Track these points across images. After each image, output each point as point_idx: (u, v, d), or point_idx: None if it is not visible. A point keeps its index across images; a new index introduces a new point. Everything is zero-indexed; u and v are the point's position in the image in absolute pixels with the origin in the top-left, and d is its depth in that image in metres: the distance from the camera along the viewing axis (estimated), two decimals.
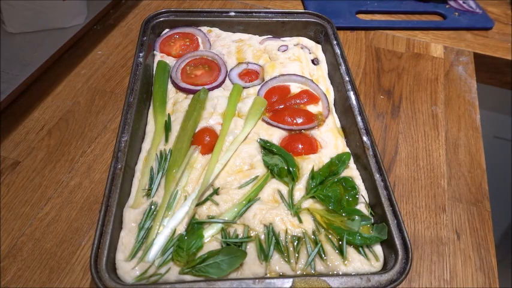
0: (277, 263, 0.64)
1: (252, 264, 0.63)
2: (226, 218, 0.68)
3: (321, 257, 0.65)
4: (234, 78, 0.93)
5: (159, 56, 0.96)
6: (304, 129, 0.83)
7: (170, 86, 0.91)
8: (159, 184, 0.73)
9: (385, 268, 0.64)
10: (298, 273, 0.63)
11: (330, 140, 0.82)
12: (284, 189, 0.73)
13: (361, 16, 1.26)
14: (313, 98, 0.89)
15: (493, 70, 1.19)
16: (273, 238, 0.66)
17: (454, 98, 1.04)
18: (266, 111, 0.86)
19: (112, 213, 0.65)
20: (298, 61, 0.97)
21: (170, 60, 0.95)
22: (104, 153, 0.86)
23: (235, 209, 0.69)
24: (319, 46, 1.03)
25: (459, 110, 1.01)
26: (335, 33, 1.00)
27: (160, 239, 0.65)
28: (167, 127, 0.81)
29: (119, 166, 0.71)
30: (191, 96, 0.88)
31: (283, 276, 0.63)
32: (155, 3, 1.26)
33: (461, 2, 1.31)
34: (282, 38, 1.04)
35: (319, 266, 0.64)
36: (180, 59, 0.95)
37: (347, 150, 0.81)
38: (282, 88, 0.91)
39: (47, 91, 0.97)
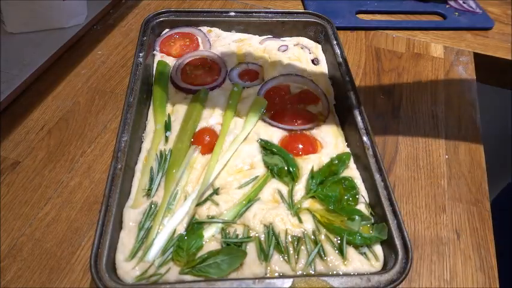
0: (277, 263, 0.64)
1: (252, 264, 0.63)
2: (226, 218, 0.68)
3: (321, 257, 0.65)
4: (234, 78, 0.93)
5: (159, 56, 0.96)
6: (304, 129, 0.83)
7: (170, 86, 0.91)
8: (159, 184, 0.73)
9: (385, 268, 0.64)
10: (298, 273, 0.63)
11: (330, 140, 0.82)
12: (284, 189, 0.73)
13: (361, 16, 1.26)
14: (313, 98, 0.89)
15: (493, 70, 1.19)
16: (273, 238, 0.66)
17: (454, 98, 1.04)
18: (266, 111, 0.86)
19: (112, 213, 0.65)
20: (298, 61, 0.97)
21: (170, 60, 0.95)
22: (104, 153, 0.86)
23: (235, 209, 0.69)
24: (319, 46, 1.03)
25: (459, 110, 1.01)
26: (335, 33, 1.00)
27: (160, 239, 0.65)
28: (167, 127, 0.81)
29: (119, 166, 0.71)
30: (191, 96, 0.88)
31: (283, 276, 0.63)
32: (155, 3, 1.26)
33: (461, 2, 1.31)
34: (282, 38, 1.04)
35: (319, 266, 0.64)
36: (180, 59, 0.95)
37: (347, 150, 0.81)
38: (282, 88, 0.91)
39: (47, 91, 0.97)
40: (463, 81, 1.09)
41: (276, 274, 0.63)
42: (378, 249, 0.66)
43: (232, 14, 1.04)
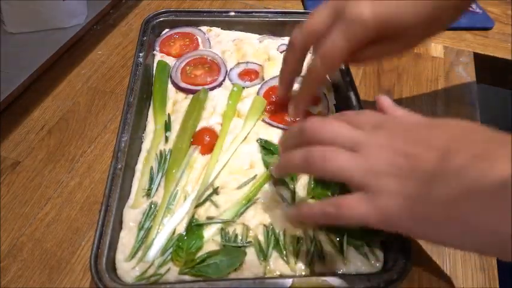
0: (276, 263, 0.64)
1: (251, 264, 0.63)
2: (225, 218, 0.68)
3: (320, 257, 0.65)
4: (234, 78, 0.93)
5: (159, 56, 0.96)
6: None
7: (170, 86, 0.91)
8: (159, 184, 0.73)
9: (385, 268, 0.64)
10: (298, 273, 0.63)
11: None
12: (284, 189, 0.73)
13: None
14: (313, 98, 0.89)
15: (493, 70, 1.19)
16: (273, 238, 0.66)
17: (454, 98, 1.04)
18: (266, 111, 0.86)
19: (112, 213, 0.65)
20: None
21: (170, 60, 0.95)
22: (104, 153, 0.86)
23: (235, 209, 0.69)
24: None
25: (459, 110, 1.01)
26: None
27: (160, 239, 0.65)
28: (167, 127, 0.81)
29: (119, 166, 0.71)
30: (191, 96, 0.88)
31: (283, 276, 0.63)
32: (155, 3, 1.26)
33: None
34: (282, 38, 1.03)
35: (319, 266, 0.64)
36: (180, 59, 0.95)
37: None
38: None
39: (47, 91, 0.97)
40: (463, 81, 1.09)
41: (276, 274, 0.63)
42: (378, 249, 0.66)
43: (232, 13, 1.04)
